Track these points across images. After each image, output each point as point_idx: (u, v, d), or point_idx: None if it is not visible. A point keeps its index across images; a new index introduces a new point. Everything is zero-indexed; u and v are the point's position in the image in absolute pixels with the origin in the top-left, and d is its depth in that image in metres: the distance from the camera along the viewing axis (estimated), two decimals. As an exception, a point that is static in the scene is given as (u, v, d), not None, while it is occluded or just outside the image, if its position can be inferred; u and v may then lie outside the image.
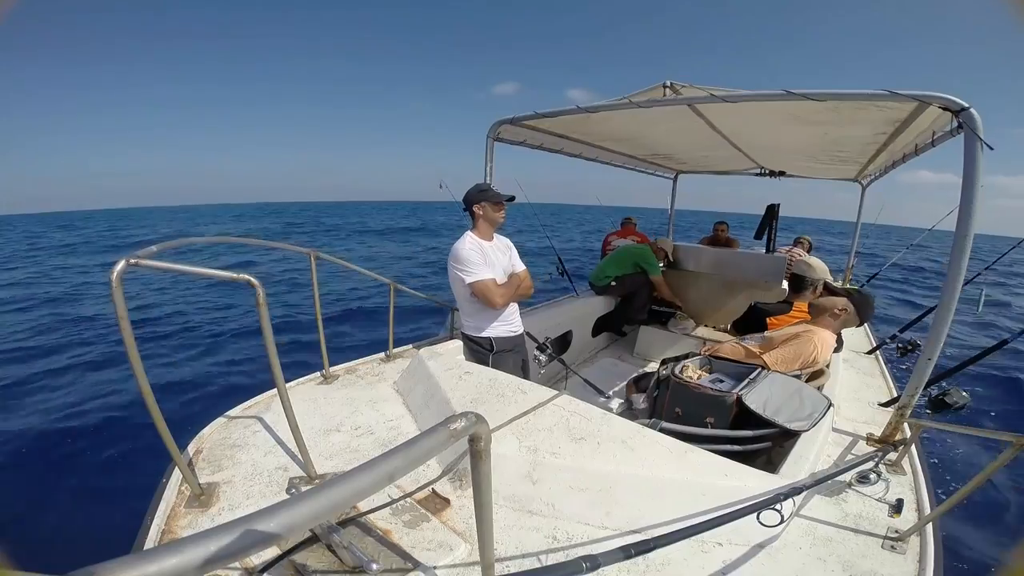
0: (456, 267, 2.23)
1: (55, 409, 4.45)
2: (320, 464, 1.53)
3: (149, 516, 1.29)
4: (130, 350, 1.15)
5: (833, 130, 2.46)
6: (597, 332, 4.05)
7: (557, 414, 1.63)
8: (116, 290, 1.08)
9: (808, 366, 2.13)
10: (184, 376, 5.29)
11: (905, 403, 1.73)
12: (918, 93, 1.54)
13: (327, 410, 1.93)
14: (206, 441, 1.69)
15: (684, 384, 1.99)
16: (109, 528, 2.84)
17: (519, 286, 2.37)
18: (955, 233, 1.52)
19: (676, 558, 1.19)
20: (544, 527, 1.30)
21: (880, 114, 2.02)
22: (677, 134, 3.11)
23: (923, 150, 2.45)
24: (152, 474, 1.47)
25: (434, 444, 0.61)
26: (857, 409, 2.15)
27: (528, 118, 2.60)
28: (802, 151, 3.35)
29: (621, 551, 0.92)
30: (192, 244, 1.46)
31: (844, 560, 1.21)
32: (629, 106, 2.22)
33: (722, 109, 2.27)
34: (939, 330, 1.59)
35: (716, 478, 1.36)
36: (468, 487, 1.40)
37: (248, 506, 1.37)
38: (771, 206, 4.33)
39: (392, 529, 1.26)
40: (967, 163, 1.48)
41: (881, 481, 1.53)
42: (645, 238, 4.64)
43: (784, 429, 1.68)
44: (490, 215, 2.29)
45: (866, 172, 4.10)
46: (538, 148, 3.31)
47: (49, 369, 5.48)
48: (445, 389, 1.85)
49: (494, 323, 2.34)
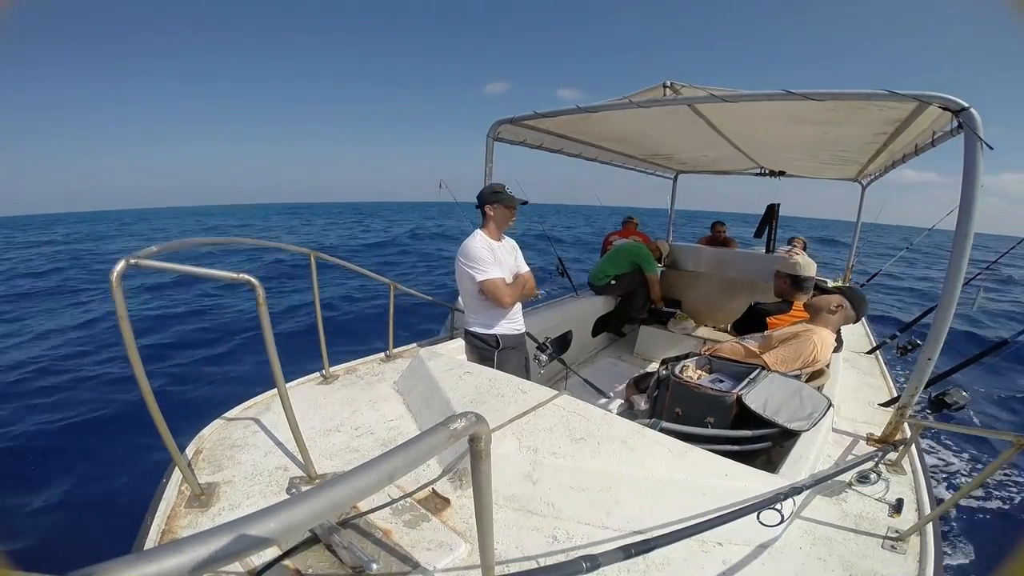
0: (466, 264, 2.25)
1: (54, 409, 4.45)
2: (320, 464, 1.53)
3: (149, 516, 1.29)
4: (130, 350, 1.15)
5: (833, 130, 2.46)
6: (597, 332, 4.05)
7: (557, 414, 1.63)
8: (116, 290, 1.08)
9: (808, 366, 2.13)
10: (184, 376, 5.29)
11: (905, 403, 1.73)
12: (918, 93, 1.54)
13: (327, 410, 1.93)
14: (206, 441, 1.69)
15: (684, 384, 1.99)
16: (109, 528, 2.84)
17: (525, 286, 2.40)
18: (955, 233, 1.52)
19: (676, 558, 1.19)
20: (544, 527, 1.30)
21: (880, 114, 2.02)
22: (677, 134, 3.12)
23: (923, 150, 2.46)
24: (152, 474, 1.47)
25: (434, 444, 0.61)
26: (857, 409, 2.15)
27: (528, 118, 2.60)
28: (802, 151, 3.35)
29: (621, 551, 0.92)
30: (194, 244, 1.46)
31: (844, 560, 1.21)
32: (629, 106, 2.23)
33: (722, 109, 2.27)
34: (939, 330, 1.59)
35: (716, 478, 1.36)
36: (468, 487, 1.40)
37: (248, 506, 1.37)
38: (771, 206, 4.33)
39: (392, 529, 1.25)
40: (967, 163, 1.48)
41: (881, 481, 1.52)
42: (647, 238, 4.64)
43: (784, 429, 1.68)
44: (502, 217, 2.32)
45: (866, 172, 4.10)
46: (538, 148, 3.31)
47: (48, 369, 5.48)
48: (445, 389, 1.85)
49: (502, 320, 2.37)
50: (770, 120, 2.47)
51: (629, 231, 4.76)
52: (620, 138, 3.39)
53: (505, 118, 2.65)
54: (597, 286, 4.07)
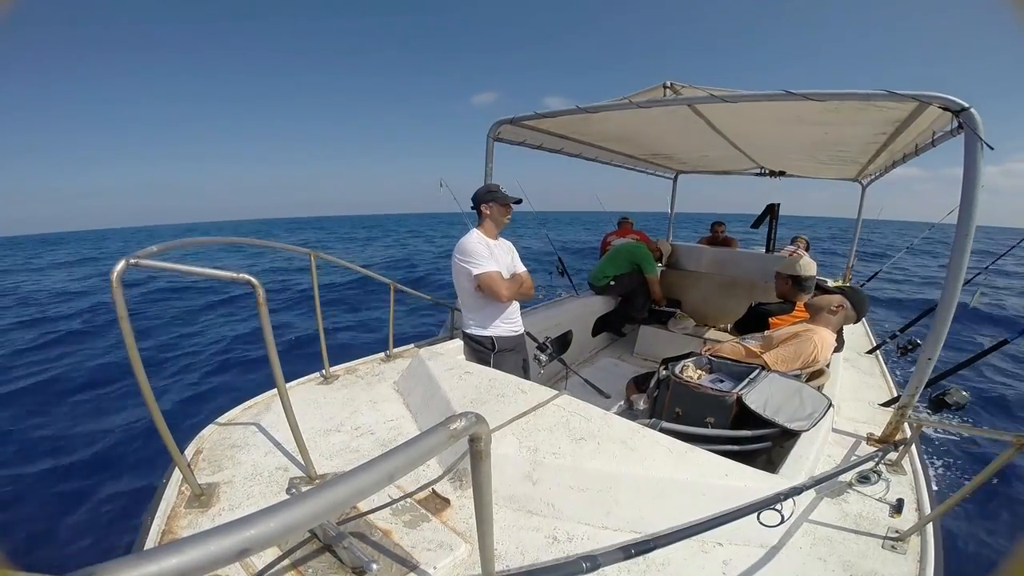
0: (462, 260, 2.25)
1: (54, 408, 4.45)
2: (320, 464, 1.53)
3: (149, 516, 1.29)
4: (130, 350, 1.15)
5: (833, 130, 2.46)
6: (597, 332, 4.05)
7: (557, 414, 1.63)
8: (116, 290, 1.08)
9: (808, 366, 2.13)
10: (184, 377, 5.29)
11: (905, 403, 1.73)
12: (918, 93, 1.54)
13: (327, 410, 1.93)
14: (206, 441, 1.69)
15: (684, 384, 1.99)
16: (109, 528, 2.84)
17: (522, 284, 2.40)
18: (955, 232, 1.52)
19: (676, 558, 1.19)
20: (544, 527, 1.30)
21: (880, 114, 2.02)
22: (677, 134, 3.11)
23: (923, 150, 2.45)
24: (152, 474, 1.47)
25: (434, 444, 0.61)
26: (857, 409, 2.15)
27: (528, 118, 2.60)
28: (802, 151, 3.35)
29: (621, 551, 0.92)
30: (195, 244, 1.46)
31: (844, 560, 1.21)
32: (629, 106, 2.23)
33: (722, 109, 2.27)
34: (939, 330, 1.59)
35: (716, 478, 1.36)
36: (468, 487, 1.40)
37: (248, 506, 1.37)
38: (771, 205, 4.33)
39: (392, 529, 1.25)
40: (967, 163, 1.48)
41: (881, 481, 1.52)
42: (644, 236, 4.64)
43: (784, 429, 1.68)
44: (496, 216, 2.32)
45: (867, 172, 4.10)
46: (538, 148, 3.31)
47: (47, 368, 5.48)
48: (445, 389, 1.85)
49: (497, 321, 2.36)
50: (770, 120, 2.47)
51: (626, 231, 4.76)
52: (620, 138, 3.39)
53: (505, 118, 2.65)
54: (597, 287, 4.07)
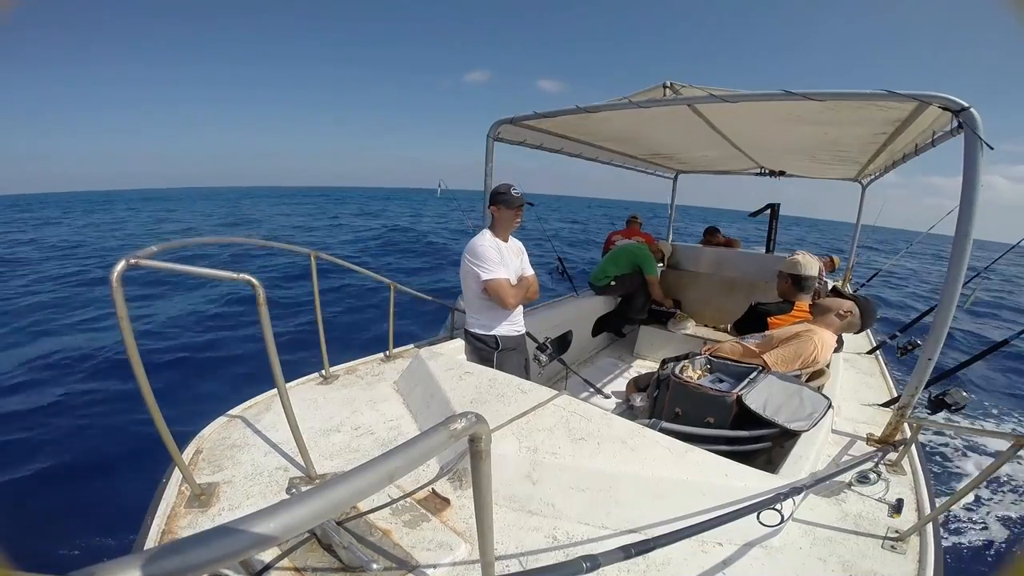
0: (472, 262, 2.25)
1: (54, 408, 4.45)
2: (320, 464, 1.53)
3: (149, 516, 1.29)
4: (130, 349, 1.15)
5: (833, 130, 2.46)
6: (597, 332, 4.05)
7: (557, 414, 1.63)
8: (116, 290, 1.08)
9: (808, 366, 2.13)
10: (184, 377, 5.29)
11: (905, 403, 1.73)
12: (918, 93, 1.54)
13: (327, 410, 1.93)
14: (206, 441, 1.69)
15: (684, 384, 1.99)
16: (109, 528, 2.84)
17: (528, 289, 2.41)
18: (955, 233, 1.52)
19: (676, 558, 1.19)
20: (544, 527, 1.30)
21: (880, 114, 2.02)
22: (677, 134, 3.11)
23: (923, 150, 2.45)
24: (152, 474, 1.47)
25: (434, 444, 0.61)
26: (857, 409, 2.16)
27: (528, 118, 2.60)
28: (802, 151, 3.35)
29: (621, 551, 0.92)
30: (195, 244, 1.47)
31: (844, 560, 1.21)
32: (629, 106, 2.22)
33: (722, 109, 2.26)
34: (939, 330, 1.59)
35: (716, 478, 1.36)
36: (468, 487, 1.40)
37: (248, 506, 1.37)
38: (772, 204, 4.34)
39: (392, 529, 1.26)
40: (967, 163, 1.48)
41: (881, 481, 1.53)
42: (650, 238, 4.62)
43: (784, 429, 1.68)
44: (506, 217, 2.31)
45: (866, 172, 4.10)
46: (538, 148, 3.31)
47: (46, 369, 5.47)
48: (445, 389, 1.85)
49: (503, 322, 2.37)
50: (770, 120, 2.47)
51: (633, 231, 4.73)
52: (620, 138, 3.39)
53: (505, 118, 2.65)
54: (597, 286, 4.07)
